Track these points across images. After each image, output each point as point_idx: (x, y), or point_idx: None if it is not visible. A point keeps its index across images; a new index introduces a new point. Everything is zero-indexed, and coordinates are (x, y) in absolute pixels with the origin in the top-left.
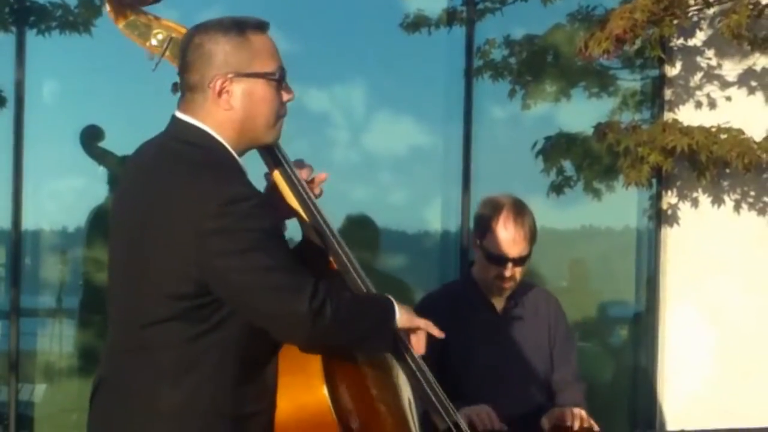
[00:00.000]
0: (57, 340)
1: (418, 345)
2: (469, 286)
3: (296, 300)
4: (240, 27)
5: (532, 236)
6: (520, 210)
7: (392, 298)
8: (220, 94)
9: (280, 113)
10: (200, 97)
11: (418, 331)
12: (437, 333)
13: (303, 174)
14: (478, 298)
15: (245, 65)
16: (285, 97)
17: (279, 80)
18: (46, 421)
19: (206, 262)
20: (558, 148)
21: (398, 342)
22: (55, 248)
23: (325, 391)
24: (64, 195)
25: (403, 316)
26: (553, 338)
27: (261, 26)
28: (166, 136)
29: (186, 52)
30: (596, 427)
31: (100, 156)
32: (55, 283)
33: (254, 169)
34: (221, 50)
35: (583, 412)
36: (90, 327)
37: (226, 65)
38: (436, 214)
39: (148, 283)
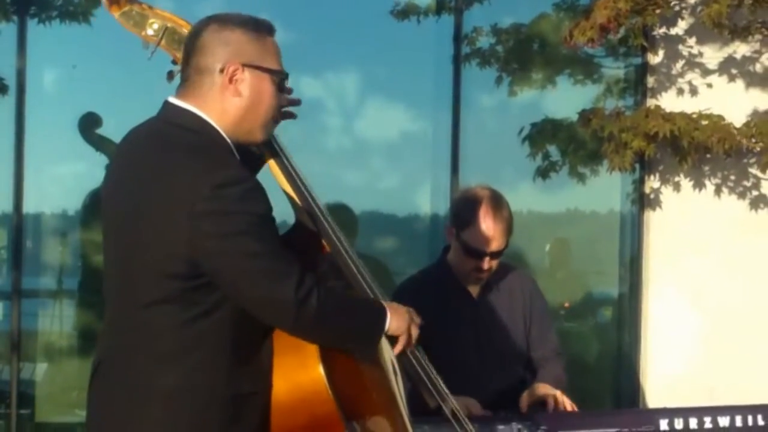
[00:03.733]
0: (57, 321)
1: (399, 347)
2: (444, 273)
3: (282, 286)
4: (256, 24)
5: (509, 230)
6: (498, 204)
7: (387, 306)
8: (231, 80)
9: (275, 115)
10: (208, 80)
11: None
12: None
13: None
14: (453, 284)
15: (258, 58)
16: (283, 101)
17: (282, 81)
18: (46, 400)
19: (198, 243)
20: (544, 133)
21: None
22: (56, 231)
23: (321, 369)
24: (64, 179)
25: (393, 324)
26: (528, 320)
27: (272, 30)
28: (158, 120)
29: (198, 37)
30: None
31: (98, 142)
32: (56, 265)
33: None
34: (238, 39)
35: (567, 400)
36: (90, 308)
37: (242, 54)
38: (426, 198)
39: (143, 264)
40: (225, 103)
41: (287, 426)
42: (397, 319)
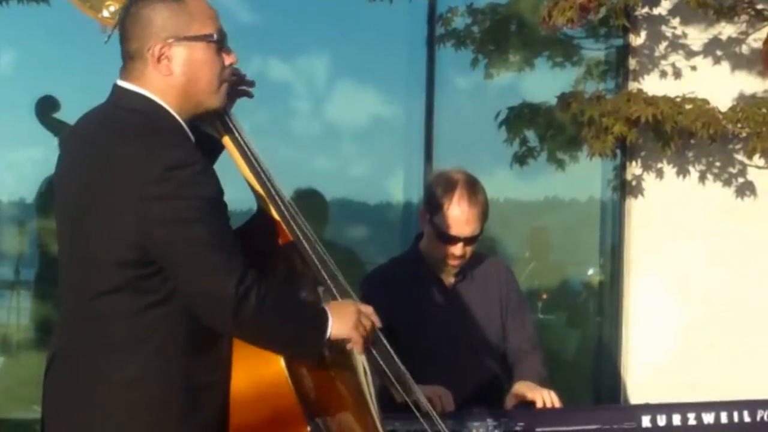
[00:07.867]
0: (15, 313)
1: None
2: (417, 261)
3: (224, 281)
4: None
5: (484, 215)
6: (473, 188)
7: (329, 308)
8: (159, 60)
9: (222, 77)
10: (140, 64)
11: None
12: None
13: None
14: (425, 273)
15: (183, 29)
16: (227, 60)
17: (218, 42)
18: (3, 394)
19: (147, 228)
20: (521, 118)
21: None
22: (13, 220)
23: (282, 362)
24: (21, 166)
25: (334, 328)
26: (504, 309)
27: None
28: (109, 104)
29: (124, 22)
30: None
31: (55, 127)
32: (13, 255)
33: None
34: (158, 16)
35: (554, 396)
36: (48, 299)
37: (164, 30)
38: (398, 185)
39: (95, 252)
40: (161, 83)
41: (248, 419)
42: (339, 323)
